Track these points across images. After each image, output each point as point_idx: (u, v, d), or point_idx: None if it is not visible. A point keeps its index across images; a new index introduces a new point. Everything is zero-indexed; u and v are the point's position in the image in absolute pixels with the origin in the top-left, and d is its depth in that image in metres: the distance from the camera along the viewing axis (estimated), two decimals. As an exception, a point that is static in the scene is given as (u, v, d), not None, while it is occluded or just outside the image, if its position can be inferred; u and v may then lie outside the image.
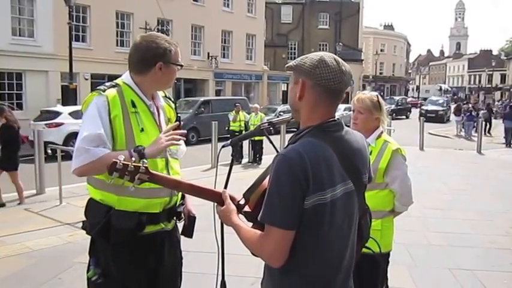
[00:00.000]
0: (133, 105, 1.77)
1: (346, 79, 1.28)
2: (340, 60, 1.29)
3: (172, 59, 1.83)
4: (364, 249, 1.41)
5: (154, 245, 1.81)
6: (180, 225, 1.97)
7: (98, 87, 1.80)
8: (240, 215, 1.38)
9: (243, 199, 1.40)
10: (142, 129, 1.76)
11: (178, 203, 1.88)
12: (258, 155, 10.21)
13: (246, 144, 10.41)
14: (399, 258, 3.60)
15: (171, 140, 1.74)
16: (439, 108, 27.41)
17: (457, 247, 4.48)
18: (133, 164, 1.39)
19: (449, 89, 67.65)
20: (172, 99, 2.06)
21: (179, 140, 1.78)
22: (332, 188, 1.22)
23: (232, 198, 1.40)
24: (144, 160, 1.44)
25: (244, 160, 10.58)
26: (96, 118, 1.69)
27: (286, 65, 1.36)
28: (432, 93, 55.96)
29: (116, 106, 1.73)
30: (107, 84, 1.82)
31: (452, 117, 22.36)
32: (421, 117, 15.93)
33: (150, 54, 1.79)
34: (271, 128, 1.50)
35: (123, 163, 1.37)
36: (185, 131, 1.86)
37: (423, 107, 28.73)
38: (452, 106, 25.72)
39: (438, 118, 25.49)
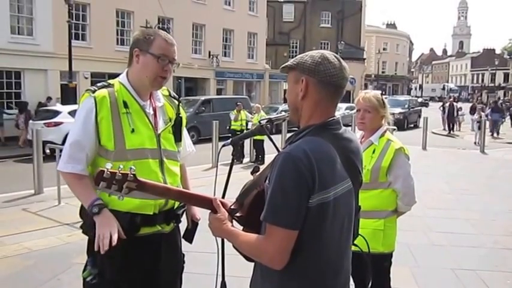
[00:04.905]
0: (126, 106, 1.74)
1: (347, 75, 1.29)
2: (338, 56, 1.31)
3: (150, 47, 1.73)
4: (353, 247, 1.38)
5: (151, 247, 1.77)
6: (181, 229, 1.93)
7: (89, 88, 1.78)
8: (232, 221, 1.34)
9: (236, 203, 1.36)
10: (133, 130, 1.73)
11: (177, 206, 1.83)
12: (260, 155, 10.15)
13: (247, 144, 10.36)
14: (401, 258, 3.54)
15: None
16: (395, 110, 19.84)
17: (460, 247, 4.44)
18: (121, 172, 1.34)
19: (456, 88, 66.68)
20: (177, 97, 2.00)
21: None
22: (335, 186, 1.20)
23: (223, 205, 1.36)
24: (132, 167, 1.39)
25: (246, 160, 10.52)
26: (82, 123, 1.71)
27: (282, 66, 1.33)
28: (438, 92, 55.40)
29: (103, 107, 1.70)
30: (99, 84, 1.79)
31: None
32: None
33: (132, 42, 1.79)
34: (268, 125, 1.47)
35: (110, 171, 1.33)
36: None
37: None
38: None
39: (394, 123, 16.73)
